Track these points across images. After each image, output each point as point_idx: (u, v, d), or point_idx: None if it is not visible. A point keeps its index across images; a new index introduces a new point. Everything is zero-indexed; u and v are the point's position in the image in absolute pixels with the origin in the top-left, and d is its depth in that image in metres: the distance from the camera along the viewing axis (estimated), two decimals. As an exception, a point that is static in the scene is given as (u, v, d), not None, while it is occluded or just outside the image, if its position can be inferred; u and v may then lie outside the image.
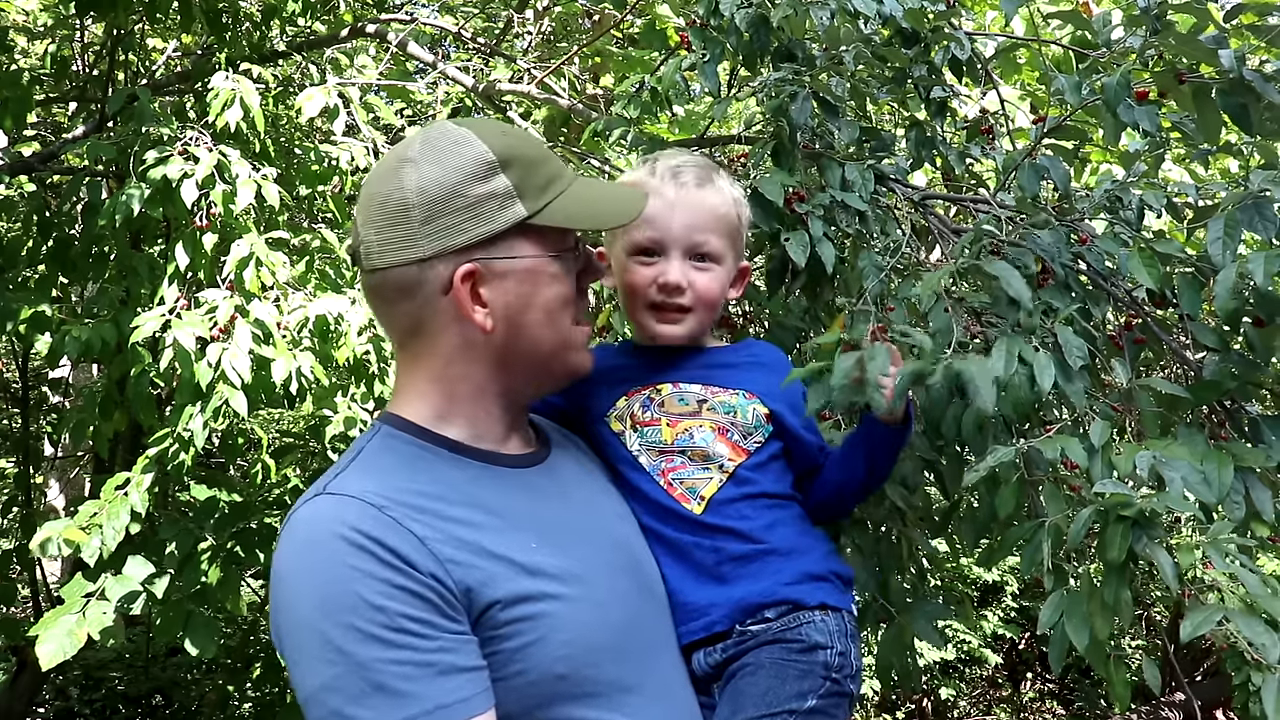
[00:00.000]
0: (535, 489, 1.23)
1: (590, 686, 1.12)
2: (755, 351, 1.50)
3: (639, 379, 1.42)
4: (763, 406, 1.39)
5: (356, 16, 4.67)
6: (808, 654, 1.27)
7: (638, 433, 1.38)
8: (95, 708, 5.74)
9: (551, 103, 3.91)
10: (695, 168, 1.45)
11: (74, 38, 4.38)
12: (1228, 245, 1.40)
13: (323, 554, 1.05)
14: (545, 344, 1.23)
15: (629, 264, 1.43)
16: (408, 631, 1.03)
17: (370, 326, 3.37)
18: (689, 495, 1.34)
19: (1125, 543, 1.12)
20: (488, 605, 1.08)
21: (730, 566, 1.31)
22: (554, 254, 1.22)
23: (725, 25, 2.03)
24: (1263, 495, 1.32)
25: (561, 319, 1.23)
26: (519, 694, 1.08)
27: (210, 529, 3.50)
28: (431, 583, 1.05)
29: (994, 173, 2.29)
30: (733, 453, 1.36)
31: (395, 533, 1.06)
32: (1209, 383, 1.49)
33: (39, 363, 5.49)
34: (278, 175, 3.49)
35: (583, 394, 1.43)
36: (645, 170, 1.46)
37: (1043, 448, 1.23)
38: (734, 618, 1.30)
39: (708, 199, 1.42)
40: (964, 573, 6.36)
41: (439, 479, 1.16)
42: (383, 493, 1.10)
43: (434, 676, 1.02)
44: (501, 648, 1.08)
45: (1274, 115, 1.60)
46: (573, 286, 1.25)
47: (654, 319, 1.41)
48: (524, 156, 1.20)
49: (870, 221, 1.84)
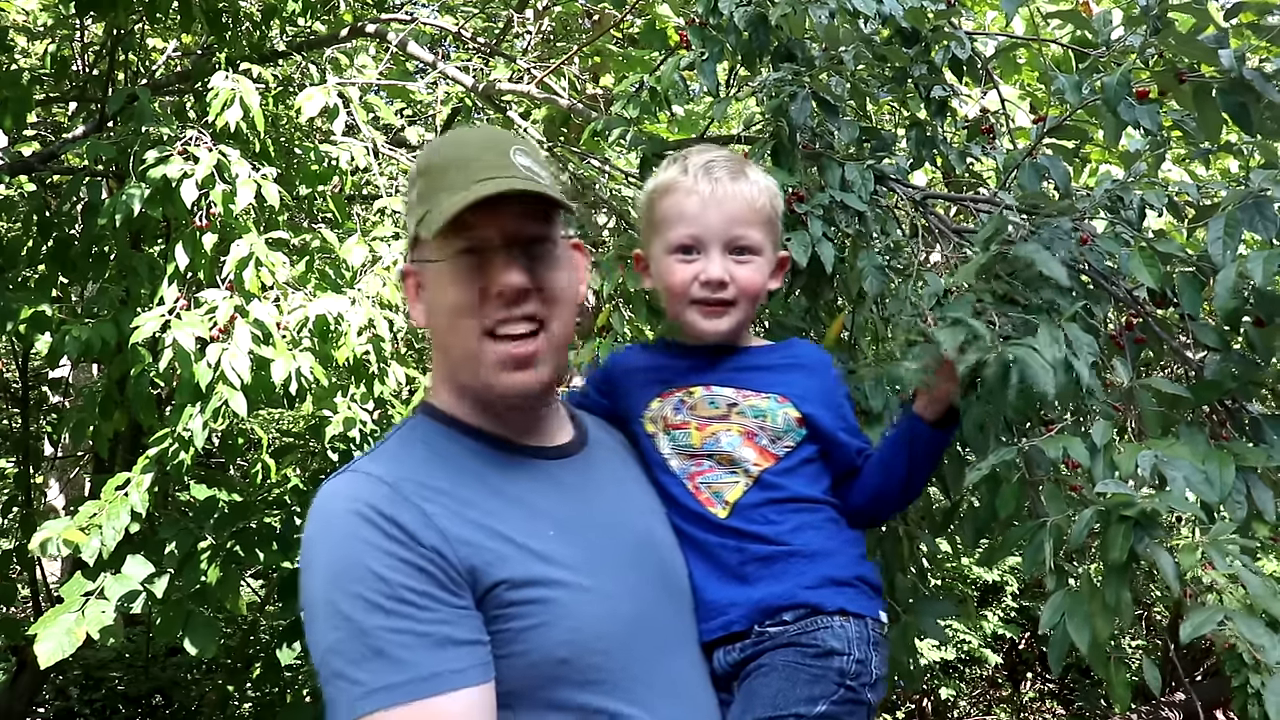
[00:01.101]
0: (559, 481, 1.26)
1: (594, 674, 1.15)
2: (795, 352, 1.49)
3: (674, 380, 1.44)
4: (795, 410, 1.39)
5: (356, 16, 4.67)
6: (822, 659, 1.27)
7: (669, 436, 1.40)
8: (95, 708, 5.74)
9: (551, 102, 3.91)
10: (727, 161, 1.45)
11: (74, 38, 4.37)
12: (1228, 245, 1.40)
13: (337, 526, 1.12)
14: (455, 348, 1.24)
15: (669, 263, 1.43)
16: (408, 602, 1.07)
17: (370, 326, 3.37)
18: (714, 499, 1.36)
19: (1127, 543, 1.11)
20: (493, 584, 1.12)
21: (754, 567, 1.32)
22: (440, 259, 1.22)
23: (724, 24, 2.03)
24: (1264, 495, 1.32)
25: (461, 326, 1.21)
26: (520, 673, 1.12)
27: (210, 529, 3.50)
28: (434, 557, 1.10)
29: (994, 172, 2.29)
30: (759, 457, 1.37)
31: (405, 510, 1.12)
32: (1210, 382, 1.49)
33: (39, 363, 5.49)
34: (277, 175, 3.48)
35: (621, 393, 1.47)
36: (677, 168, 1.45)
37: (1045, 447, 1.23)
38: (752, 619, 1.30)
39: (743, 191, 1.42)
40: (964, 573, 6.36)
41: (461, 465, 1.21)
42: (401, 473, 1.16)
43: (430, 647, 1.07)
44: (507, 627, 1.12)
45: (1274, 114, 1.60)
46: (472, 293, 1.20)
47: (699, 315, 1.41)
48: (435, 165, 1.24)
49: (870, 221, 1.84)
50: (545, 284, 1.22)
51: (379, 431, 3.83)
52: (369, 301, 3.37)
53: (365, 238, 3.66)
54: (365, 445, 3.77)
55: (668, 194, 1.44)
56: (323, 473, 4.39)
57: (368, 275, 3.55)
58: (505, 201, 1.18)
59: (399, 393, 3.83)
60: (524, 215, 1.22)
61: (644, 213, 1.50)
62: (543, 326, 1.22)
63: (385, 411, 3.95)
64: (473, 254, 1.20)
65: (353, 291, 3.43)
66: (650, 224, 1.47)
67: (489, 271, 1.19)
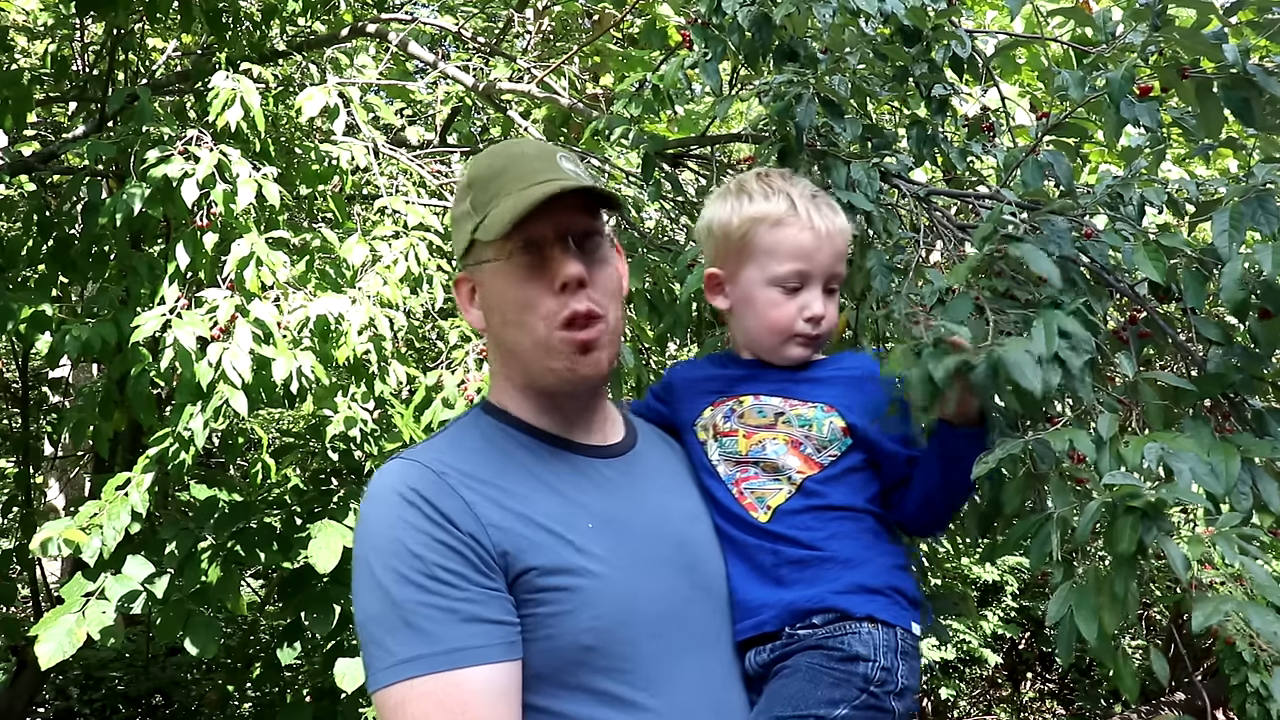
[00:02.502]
0: (605, 478, 1.32)
1: (619, 663, 1.20)
2: (844, 364, 1.50)
3: (726, 390, 1.47)
4: (840, 420, 1.41)
5: (356, 16, 4.67)
6: (847, 664, 1.27)
7: (718, 442, 1.43)
8: (95, 707, 5.74)
9: (552, 102, 3.91)
10: (826, 195, 1.48)
11: (74, 38, 4.37)
12: (1234, 237, 1.40)
13: (383, 506, 1.21)
14: (521, 344, 1.30)
15: (771, 295, 1.44)
16: (440, 580, 1.15)
17: (370, 326, 3.37)
18: (757, 504, 1.38)
19: (1135, 534, 1.11)
20: (525, 570, 1.18)
21: (788, 569, 1.34)
22: (498, 260, 1.28)
23: (727, 23, 2.03)
24: (1269, 486, 1.32)
25: (526, 320, 1.27)
26: (545, 657, 1.18)
27: (210, 529, 3.50)
28: (470, 541, 1.17)
29: (994, 171, 2.29)
30: (803, 465, 1.38)
31: (447, 496, 1.20)
32: (1213, 376, 1.49)
33: (39, 363, 5.48)
34: (278, 175, 3.48)
35: (678, 402, 1.51)
36: (782, 202, 1.44)
37: (1050, 440, 1.23)
38: (783, 620, 1.31)
39: (845, 227, 1.47)
40: (964, 573, 6.37)
41: (510, 456, 1.29)
42: (449, 462, 1.24)
43: (457, 622, 1.14)
44: (535, 611, 1.18)
45: (1276, 109, 1.61)
46: (535, 288, 1.26)
47: (797, 347, 1.45)
48: (482, 176, 1.31)
49: (876, 221, 1.84)
50: (598, 277, 1.29)
51: (379, 431, 3.84)
52: (369, 301, 3.37)
53: (365, 237, 3.66)
54: (365, 445, 3.77)
55: (778, 227, 1.43)
56: (322, 473, 4.39)
57: (368, 274, 3.54)
58: (557, 201, 1.24)
59: (399, 392, 3.82)
60: (576, 212, 1.28)
61: (740, 238, 1.46)
62: (601, 316, 1.28)
63: (385, 411, 3.95)
64: (531, 251, 1.26)
65: (353, 291, 3.42)
66: (748, 252, 1.46)
67: (550, 265, 1.26)
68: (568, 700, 1.18)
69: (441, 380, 3.56)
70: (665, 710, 1.20)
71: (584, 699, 1.18)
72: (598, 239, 1.31)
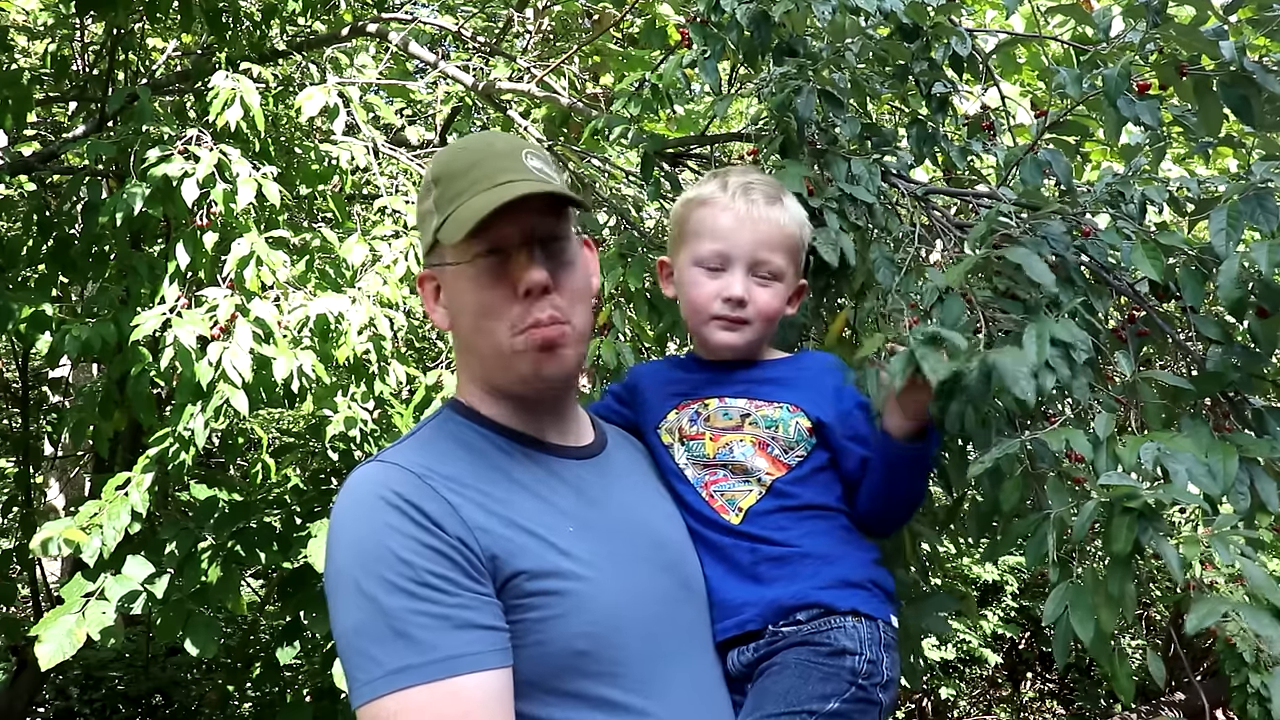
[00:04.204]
0: (580, 480, 1.30)
1: (613, 667, 1.17)
2: (805, 363, 1.51)
3: (690, 392, 1.47)
4: (806, 420, 1.41)
5: (356, 16, 4.67)
6: (835, 658, 1.28)
7: (684, 446, 1.43)
8: (95, 707, 5.74)
9: (551, 101, 3.90)
10: (766, 185, 1.48)
11: (74, 37, 4.37)
12: (1231, 236, 1.40)
13: (364, 511, 1.16)
14: (484, 346, 1.27)
15: (694, 275, 1.46)
16: (431, 586, 1.10)
17: (370, 326, 3.37)
18: (728, 507, 1.38)
19: (1131, 535, 1.11)
20: (513, 574, 1.15)
21: (766, 567, 1.34)
22: (461, 262, 1.25)
23: (726, 21, 2.02)
24: (1268, 486, 1.32)
25: (488, 326, 1.24)
26: (536, 663, 1.14)
27: (210, 529, 3.49)
28: (458, 544, 1.13)
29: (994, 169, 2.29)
30: (772, 466, 1.39)
31: (430, 498, 1.15)
32: (1212, 374, 1.49)
33: (39, 362, 5.48)
34: (278, 174, 3.48)
35: (641, 404, 1.50)
36: (716, 184, 1.48)
37: (1048, 440, 1.22)
38: (767, 618, 1.31)
39: (777, 216, 1.46)
40: (964, 572, 6.36)
41: (485, 459, 1.25)
42: (427, 464, 1.20)
43: (450, 629, 1.09)
44: (524, 617, 1.14)
45: (1275, 107, 1.60)
46: (497, 293, 1.23)
47: (717, 329, 1.44)
48: (449, 172, 1.26)
49: (879, 215, 1.84)
50: (563, 280, 1.26)
51: (379, 431, 3.83)
52: (369, 300, 3.37)
53: (365, 237, 3.66)
54: (365, 445, 3.77)
55: (703, 207, 1.47)
56: (322, 473, 4.39)
57: (368, 274, 3.54)
58: (522, 202, 1.20)
59: (399, 392, 3.82)
60: (540, 214, 1.24)
61: (676, 222, 1.52)
62: (566, 320, 1.25)
63: (385, 411, 3.95)
64: (494, 255, 1.23)
65: (353, 290, 3.42)
66: (680, 234, 1.50)
67: (512, 270, 1.22)
68: (559, 707, 1.15)
69: (441, 380, 3.56)
70: (660, 713, 1.18)
71: (577, 705, 1.15)
72: (563, 242, 1.27)
